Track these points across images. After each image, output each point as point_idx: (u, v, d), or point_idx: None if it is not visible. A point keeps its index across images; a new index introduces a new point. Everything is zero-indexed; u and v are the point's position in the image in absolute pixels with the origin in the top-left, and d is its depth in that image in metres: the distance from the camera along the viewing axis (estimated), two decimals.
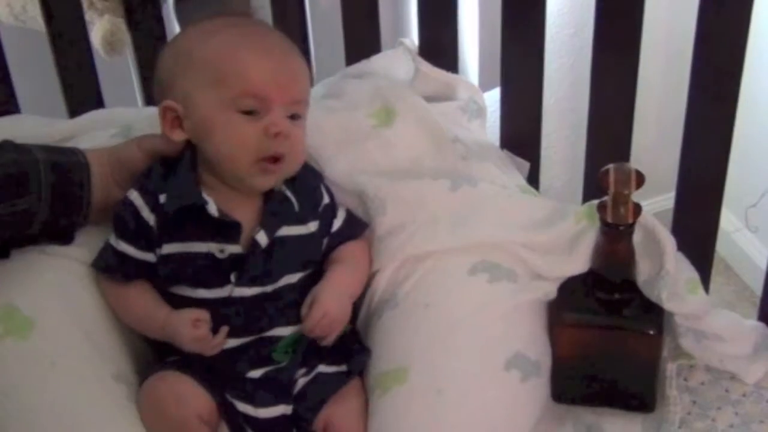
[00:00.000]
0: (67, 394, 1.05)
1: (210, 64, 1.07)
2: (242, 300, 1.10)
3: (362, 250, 1.20)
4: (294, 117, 1.10)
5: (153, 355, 1.16)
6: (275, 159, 1.08)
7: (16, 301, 1.08)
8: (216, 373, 1.08)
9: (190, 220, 1.09)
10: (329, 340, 1.11)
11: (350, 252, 1.18)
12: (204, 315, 1.08)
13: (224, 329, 1.08)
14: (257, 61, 1.08)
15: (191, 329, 1.06)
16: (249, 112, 1.07)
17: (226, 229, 1.09)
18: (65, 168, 1.09)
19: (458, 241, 1.19)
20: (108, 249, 1.12)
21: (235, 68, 1.07)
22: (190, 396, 1.06)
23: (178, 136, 1.10)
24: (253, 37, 1.11)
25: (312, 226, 1.15)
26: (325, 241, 1.17)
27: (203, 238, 1.09)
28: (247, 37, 1.10)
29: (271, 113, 1.07)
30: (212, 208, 1.09)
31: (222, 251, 1.09)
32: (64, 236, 1.13)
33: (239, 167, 1.08)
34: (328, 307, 1.11)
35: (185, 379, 1.07)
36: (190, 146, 1.12)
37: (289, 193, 1.14)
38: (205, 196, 1.09)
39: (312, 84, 1.29)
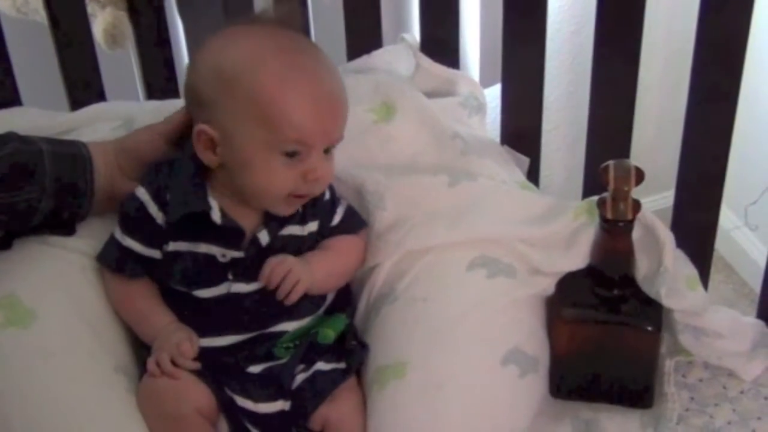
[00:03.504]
0: (67, 385, 1.05)
1: (257, 102, 1.04)
2: (241, 296, 1.10)
3: (352, 245, 1.18)
4: (328, 150, 1.09)
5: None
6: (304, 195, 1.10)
7: (18, 292, 1.08)
8: (216, 368, 1.08)
9: (195, 223, 1.09)
10: (290, 298, 1.09)
11: (337, 243, 1.16)
12: (195, 341, 1.09)
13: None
14: (306, 105, 1.05)
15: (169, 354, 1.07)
16: (290, 154, 1.06)
17: (229, 235, 1.09)
18: (68, 159, 1.09)
19: (457, 237, 1.19)
20: (113, 244, 1.12)
21: (283, 112, 1.04)
22: (189, 390, 1.06)
23: (211, 160, 1.08)
24: (301, 70, 1.06)
25: (312, 226, 1.15)
26: (324, 235, 1.17)
27: (207, 241, 1.10)
28: (296, 71, 1.06)
29: (312, 156, 1.06)
30: (216, 215, 1.09)
31: (224, 255, 1.10)
32: (66, 227, 1.13)
33: (268, 200, 1.09)
34: (293, 264, 1.09)
35: (185, 373, 1.07)
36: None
37: None
38: (211, 200, 1.09)
39: None
